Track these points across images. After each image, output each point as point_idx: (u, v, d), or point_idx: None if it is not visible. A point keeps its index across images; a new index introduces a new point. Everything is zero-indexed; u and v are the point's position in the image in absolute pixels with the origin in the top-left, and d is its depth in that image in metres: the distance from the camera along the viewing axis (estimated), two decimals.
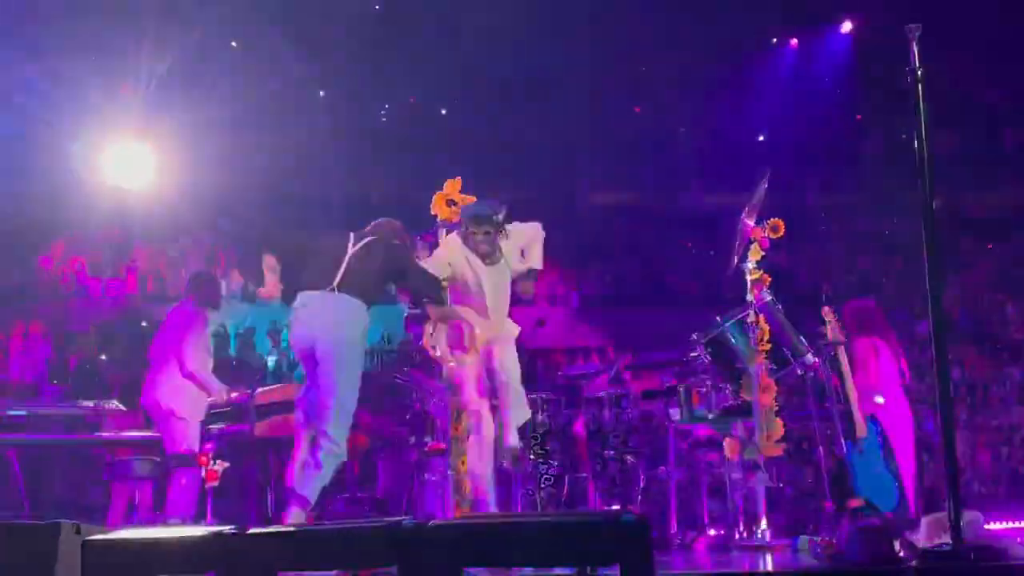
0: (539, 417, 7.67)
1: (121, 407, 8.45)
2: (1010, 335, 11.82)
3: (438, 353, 6.29)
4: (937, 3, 9.47)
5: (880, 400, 7.06)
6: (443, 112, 12.89)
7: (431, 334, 6.30)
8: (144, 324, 12.36)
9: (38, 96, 10.30)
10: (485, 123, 12.10)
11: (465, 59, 11.23)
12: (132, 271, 13.73)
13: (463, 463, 6.81)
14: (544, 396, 7.82)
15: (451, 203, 6.67)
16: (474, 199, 6.69)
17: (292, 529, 4.19)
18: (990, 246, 13.02)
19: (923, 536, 4.67)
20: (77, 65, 10.24)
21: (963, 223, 11.46)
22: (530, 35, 10.99)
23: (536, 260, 6.39)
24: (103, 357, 13.23)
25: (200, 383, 7.54)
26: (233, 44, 11.45)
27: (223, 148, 11.33)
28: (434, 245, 6.62)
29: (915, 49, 4.00)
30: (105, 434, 8.23)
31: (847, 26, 11.59)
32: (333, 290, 5.83)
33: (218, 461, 6.64)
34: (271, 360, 12.20)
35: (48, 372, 12.36)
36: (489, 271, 6.22)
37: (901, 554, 4.55)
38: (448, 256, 6.24)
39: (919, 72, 3.98)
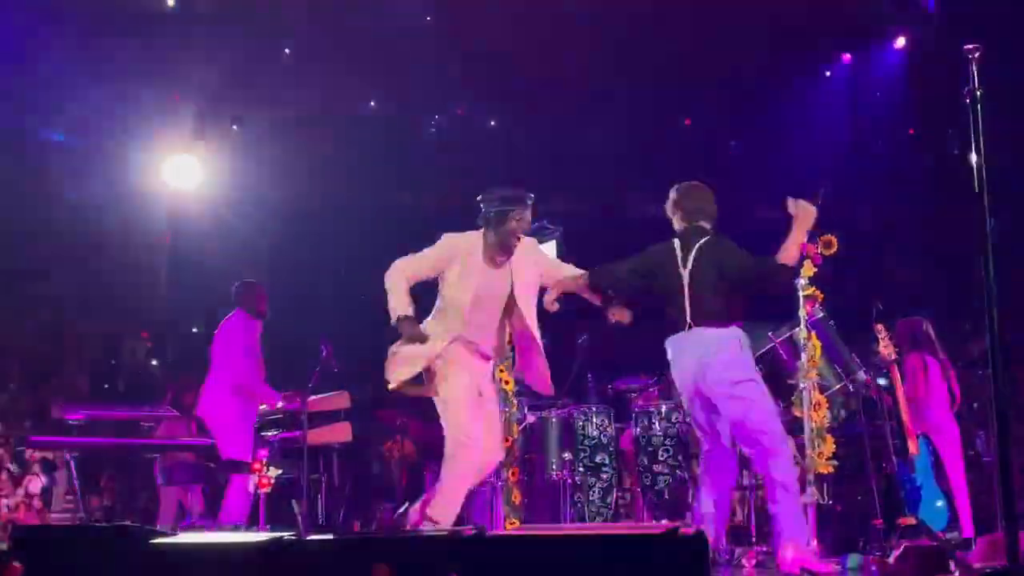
0: (589, 430, 7.69)
1: (174, 412, 8.58)
2: None
3: None
4: (997, 15, 9.37)
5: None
6: (492, 124, 12.91)
7: None
8: (195, 330, 12.51)
9: (97, 108, 10.48)
10: (535, 135, 12.11)
11: (515, 71, 11.24)
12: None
13: (513, 474, 6.88)
14: (590, 408, 7.85)
15: None
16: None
17: (349, 537, 4.25)
18: None
19: (977, 557, 4.64)
20: (134, 77, 10.41)
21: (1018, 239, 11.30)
22: (580, 47, 10.99)
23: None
24: (154, 363, 13.41)
25: (252, 392, 7.64)
26: (287, 51, 11.55)
27: (275, 156, 11.46)
28: None
29: (974, 70, 3.97)
30: (158, 439, 8.35)
31: (900, 41, 11.48)
32: None
33: (271, 468, 6.72)
34: None
35: (102, 377, 12.53)
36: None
37: (955, 575, 4.52)
38: None
39: (978, 93, 3.96)
